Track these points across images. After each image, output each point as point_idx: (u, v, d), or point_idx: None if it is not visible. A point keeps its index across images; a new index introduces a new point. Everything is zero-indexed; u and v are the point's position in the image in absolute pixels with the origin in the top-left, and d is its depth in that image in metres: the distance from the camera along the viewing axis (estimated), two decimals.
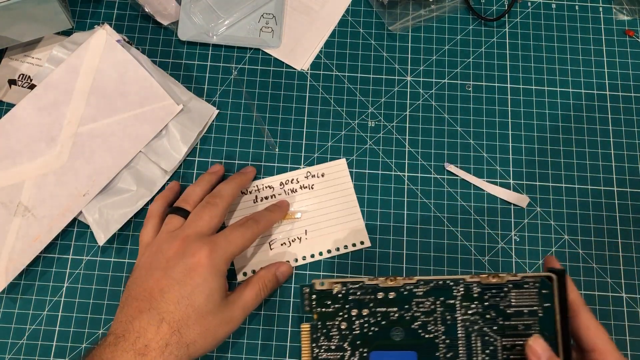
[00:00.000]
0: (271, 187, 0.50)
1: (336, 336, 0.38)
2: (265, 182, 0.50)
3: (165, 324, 0.38)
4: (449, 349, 0.37)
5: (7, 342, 0.46)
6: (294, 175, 0.50)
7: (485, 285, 0.38)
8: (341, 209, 0.50)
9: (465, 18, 0.55)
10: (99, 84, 0.49)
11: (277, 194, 0.50)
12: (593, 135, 0.52)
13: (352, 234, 0.49)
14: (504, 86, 0.53)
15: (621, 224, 0.50)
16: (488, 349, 0.37)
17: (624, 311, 0.48)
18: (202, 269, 0.40)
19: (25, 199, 0.47)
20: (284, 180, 0.50)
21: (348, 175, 0.51)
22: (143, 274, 0.41)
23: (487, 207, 0.50)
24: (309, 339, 0.39)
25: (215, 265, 0.40)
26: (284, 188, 0.50)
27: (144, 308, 0.39)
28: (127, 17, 0.54)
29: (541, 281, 0.37)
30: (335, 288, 0.39)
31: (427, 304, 0.38)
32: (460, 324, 0.38)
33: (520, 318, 0.37)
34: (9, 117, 0.48)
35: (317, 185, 0.50)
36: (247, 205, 0.49)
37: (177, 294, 0.39)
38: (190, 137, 0.50)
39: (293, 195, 0.50)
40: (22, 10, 0.46)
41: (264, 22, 0.54)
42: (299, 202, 0.50)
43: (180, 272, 0.40)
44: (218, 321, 0.40)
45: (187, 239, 0.41)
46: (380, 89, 0.53)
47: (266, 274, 0.45)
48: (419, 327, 0.38)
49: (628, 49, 0.55)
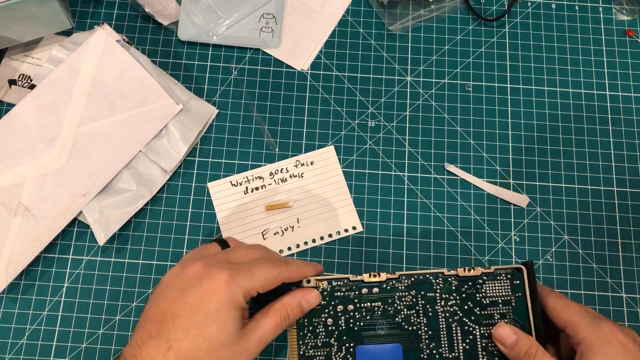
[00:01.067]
0: (261, 177, 0.50)
1: (322, 332, 0.40)
2: (255, 172, 0.50)
3: (172, 353, 0.35)
4: (432, 340, 0.40)
5: (7, 342, 0.46)
6: (284, 165, 0.51)
7: (462, 278, 0.41)
8: (332, 195, 0.50)
9: (465, 18, 0.55)
10: (98, 84, 0.49)
11: (268, 184, 0.50)
12: (593, 135, 0.52)
13: (344, 220, 0.49)
14: (504, 86, 0.53)
15: (621, 224, 0.50)
16: (468, 338, 0.40)
17: (624, 311, 0.48)
18: (218, 296, 0.36)
19: (25, 199, 0.47)
20: (274, 170, 0.50)
21: (337, 162, 0.51)
22: (160, 292, 0.38)
23: (487, 207, 0.50)
24: (296, 337, 0.40)
25: (233, 295, 0.36)
26: (274, 178, 0.50)
27: (154, 333, 0.36)
28: (127, 17, 0.54)
29: (512, 272, 0.41)
30: (321, 285, 0.41)
31: (409, 298, 0.41)
32: (441, 315, 0.40)
33: (495, 307, 0.40)
34: (9, 117, 0.48)
35: (306, 174, 0.50)
36: (238, 197, 0.50)
37: (188, 321, 0.35)
38: (190, 136, 0.50)
39: (283, 184, 0.50)
40: (22, 10, 0.46)
41: (264, 22, 0.54)
42: (290, 191, 0.50)
43: (195, 296, 0.36)
44: (231, 355, 0.36)
45: (210, 263, 0.38)
46: (380, 89, 0.53)
47: (290, 302, 0.39)
48: (402, 320, 0.40)
49: (628, 49, 0.55)
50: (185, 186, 0.50)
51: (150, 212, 0.50)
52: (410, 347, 0.40)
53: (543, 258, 0.49)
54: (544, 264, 0.49)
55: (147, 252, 0.49)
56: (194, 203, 0.50)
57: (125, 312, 0.47)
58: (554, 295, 0.40)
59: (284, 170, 0.50)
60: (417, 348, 0.40)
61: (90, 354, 0.46)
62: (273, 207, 0.49)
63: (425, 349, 0.40)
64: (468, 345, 0.40)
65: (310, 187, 0.50)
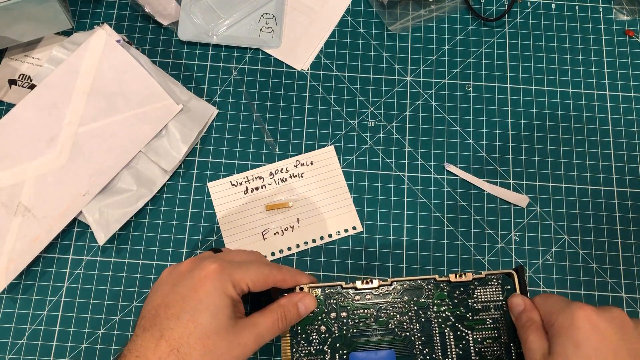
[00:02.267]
0: (261, 177, 0.50)
1: (316, 340, 0.40)
2: (254, 172, 0.50)
3: (164, 341, 0.35)
4: (425, 345, 0.40)
5: (7, 342, 0.46)
6: (284, 165, 0.51)
7: (453, 284, 0.41)
8: (332, 195, 0.50)
9: (465, 18, 0.55)
10: (98, 84, 0.49)
11: (267, 184, 0.50)
12: (593, 135, 0.52)
13: (343, 219, 0.49)
14: (504, 86, 0.53)
15: (621, 224, 0.50)
16: (461, 343, 0.40)
17: (623, 311, 0.48)
18: (208, 283, 0.36)
19: (25, 199, 0.47)
20: (274, 170, 0.50)
21: (337, 161, 0.51)
22: (153, 291, 0.38)
23: (487, 207, 0.50)
24: (289, 344, 0.40)
25: (223, 282, 0.36)
26: (274, 178, 0.50)
27: (147, 325, 0.36)
28: (127, 17, 0.54)
29: (503, 278, 0.41)
30: (315, 293, 0.41)
31: (401, 304, 0.41)
32: (434, 321, 0.41)
33: (487, 312, 0.41)
34: (9, 117, 0.48)
35: (306, 174, 0.50)
36: (237, 197, 0.50)
37: (180, 309, 0.36)
38: (190, 136, 0.50)
39: (283, 184, 0.50)
40: (22, 10, 0.46)
41: (264, 22, 0.54)
42: (290, 191, 0.50)
43: (186, 286, 0.36)
44: (225, 344, 0.35)
45: (202, 257, 0.39)
46: (380, 89, 0.53)
47: (287, 303, 0.40)
48: (395, 326, 0.41)
49: (628, 49, 0.55)
50: (185, 186, 0.50)
51: (150, 212, 0.50)
52: (403, 353, 0.40)
53: (543, 258, 0.49)
54: (544, 264, 0.49)
55: (147, 252, 0.49)
56: (194, 203, 0.50)
57: (125, 312, 0.47)
58: (539, 295, 0.40)
59: (284, 170, 0.50)
60: (410, 354, 0.40)
61: (90, 354, 0.46)
62: (273, 207, 0.49)
63: (419, 354, 0.40)
64: (461, 350, 0.40)
65: (310, 187, 0.50)
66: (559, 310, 0.37)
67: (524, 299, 0.40)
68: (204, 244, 0.49)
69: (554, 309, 0.37)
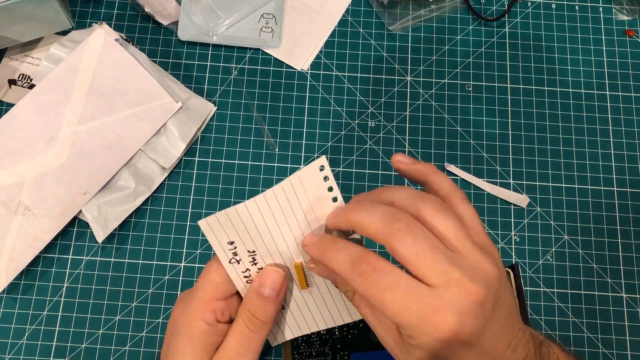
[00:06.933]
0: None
1: (317, 341, 0.40)
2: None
3: None
4: None
5: (7, 342, 0.46)
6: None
7: None
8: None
9: (465, 18, 0.55)
10: (97, 82, 0.49)
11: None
12: (593, 135, 0.52)
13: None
14: (504, 86, 0.53)
15: (621, 224, 0.50)
16: None
17: (624, 311, 0.48)
18: (172, 331, 0.34)
19: (25, 198, 0.47)
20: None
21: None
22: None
23: (487, 207, 0.50)
24: (290, 347, 0.40)
25: (186, 322, 0.33)
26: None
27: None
28: (127, 17, 0.54)
29: None
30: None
31: None
32: None
33: None
34: (9, 117, 0.48)
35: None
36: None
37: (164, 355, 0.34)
38: (188, 134, 0.50)
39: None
40: (22, 10, 0.46)
41: (264, 22, 0.54)
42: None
43: (168, 333, 0.35)
44: None
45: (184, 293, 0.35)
46: (380, 89, 0.53)
47: (246, 302, 0.33)
48: None
49: (628, 49, 0.55)
50: (185, 186, 0.50)
51: (150, 212, 0.49)
52: None
53: (543, 258, 0.49)
54: (544, 264, 0.49)
55: (147, 252, 0.49)
56: (194, 203, 0.50)
57: (125, 312, 0.47)
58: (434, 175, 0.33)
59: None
60: None
61: (90, 354, 0.46)
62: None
63: None
64: None
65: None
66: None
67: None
68: (204, 244, 0.49)
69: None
